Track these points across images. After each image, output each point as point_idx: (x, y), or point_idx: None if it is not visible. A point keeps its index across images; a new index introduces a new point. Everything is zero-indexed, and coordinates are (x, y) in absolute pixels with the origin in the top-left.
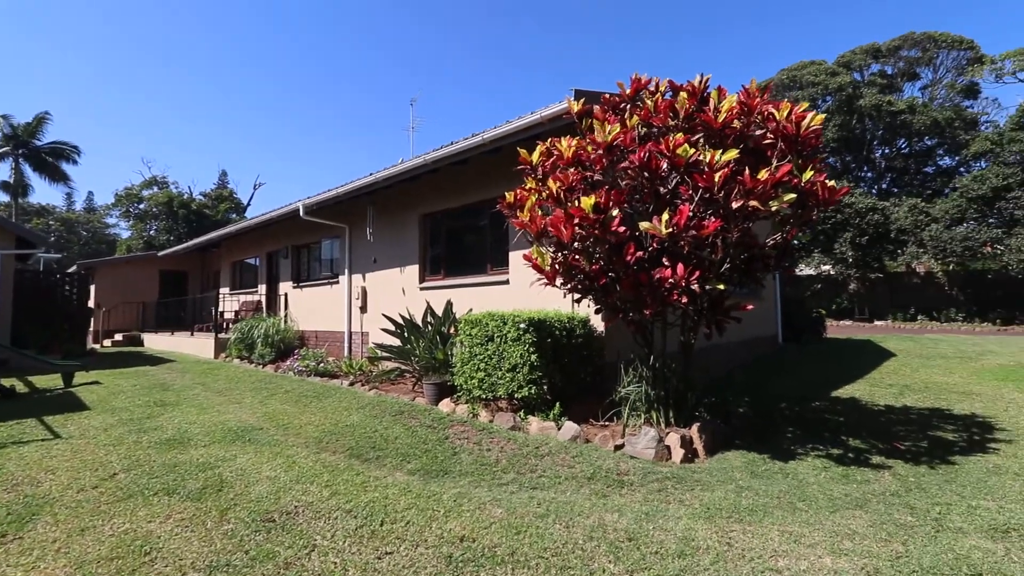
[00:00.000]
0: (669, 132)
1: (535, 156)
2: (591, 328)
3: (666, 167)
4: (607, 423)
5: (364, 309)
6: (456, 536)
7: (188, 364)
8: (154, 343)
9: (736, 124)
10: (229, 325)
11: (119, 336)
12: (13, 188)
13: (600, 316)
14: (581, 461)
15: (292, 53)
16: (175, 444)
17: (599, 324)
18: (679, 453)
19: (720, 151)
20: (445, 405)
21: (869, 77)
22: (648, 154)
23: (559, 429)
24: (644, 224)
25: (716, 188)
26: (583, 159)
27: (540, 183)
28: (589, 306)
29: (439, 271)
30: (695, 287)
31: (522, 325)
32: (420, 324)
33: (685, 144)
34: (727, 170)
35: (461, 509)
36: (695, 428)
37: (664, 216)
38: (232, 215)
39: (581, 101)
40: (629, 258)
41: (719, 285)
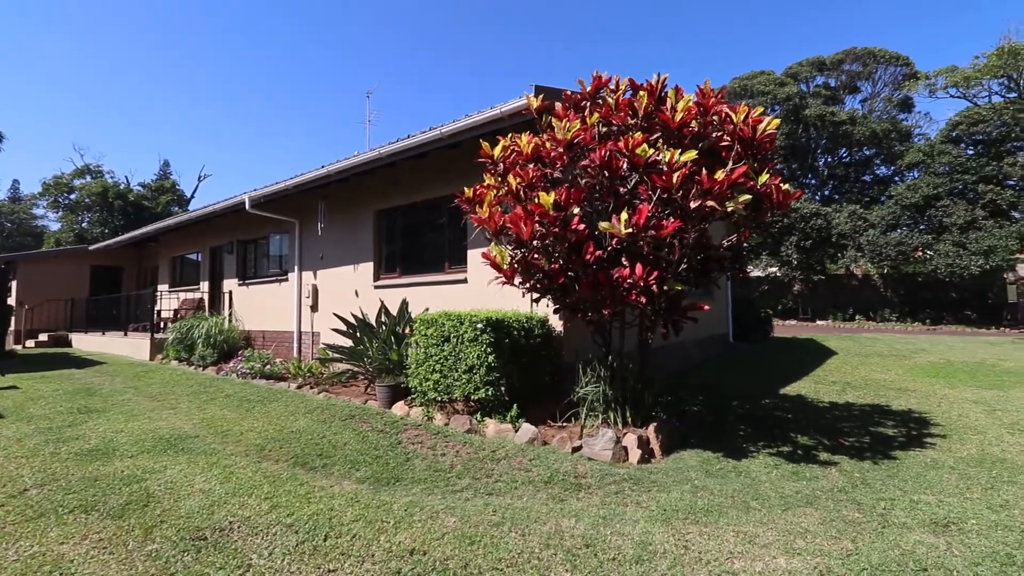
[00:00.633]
0: (629, 131)
1: (496, 151)
2: (550, 328)
3: (626, 166)
4: (565, 424)
5: (315, 308)
6: (406, 549)
7: (120, 366)
8: (83, 344)
9: (694, 125)
10: (167, 325)
11: (44, 336)
12: None
13: (559, 316)
14: (538, 464)
15: (240, 45)
16: (98, 455)
17: (558, 324)
18: (636, 454)
19: (679, 151)
20: (399, 408)
21: (814, 88)
22: (608, 153)
23: (516, 431)
24: (603, 224)
25: (675, 188)
26: (543, 156)
27: (500, 179)
28: (548, 306)
29: (395, 269)
30: (653, 287)
31: (479, 325)
32: (374, 324)
33: (644, 144)
34: (685, 170)
35: (412, 519)
36: (652, 428)
37: (623, 215)
38: (174, 208)
39: (541, 97)
40: (588, 257)
41: (677, 285)
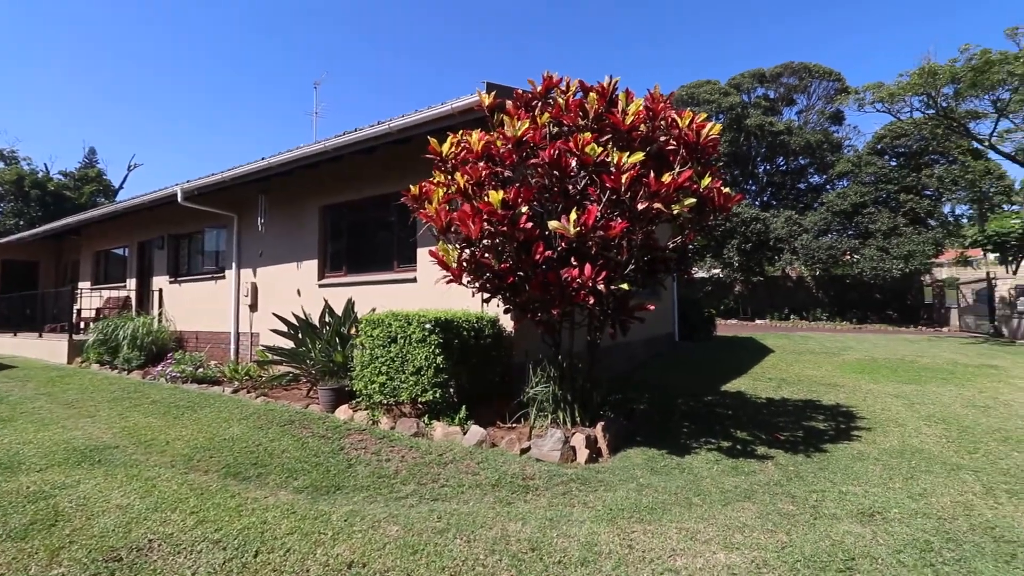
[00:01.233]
0: (579, 131)
1: (445, 147)
2: (500, 328)
3: (575, 166)
4: (514, 424)
5: (254, 307)
6: (344, 562)
7: (33, 371)
8: None
9: (643, 128)
10: (89, 325)
11: None
12: None
13: (509, 316)
14: (486, 467)
15: (175, 36)
16: (1, 470)
17: (508, 324)
18: (584, 453)
19: (627, 153)
20: (342, 412)
21: (755, 99)
22: (558, 152)
23: (465, 434)
24: (553, 223)
25: (623, 189)
26: (494, 154)
27: (449, 177)
28: (498, 305)
29: (340, 267)
30: (602, 287)
31: (428, 325)
32: (317, 324)
33: (593, 143)
34: (633, 172)
35: (352, 530)
36: (599, 427)
37: (572, 215)
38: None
39: (493, 95)
40: (538, 257)
41: (624, 285)
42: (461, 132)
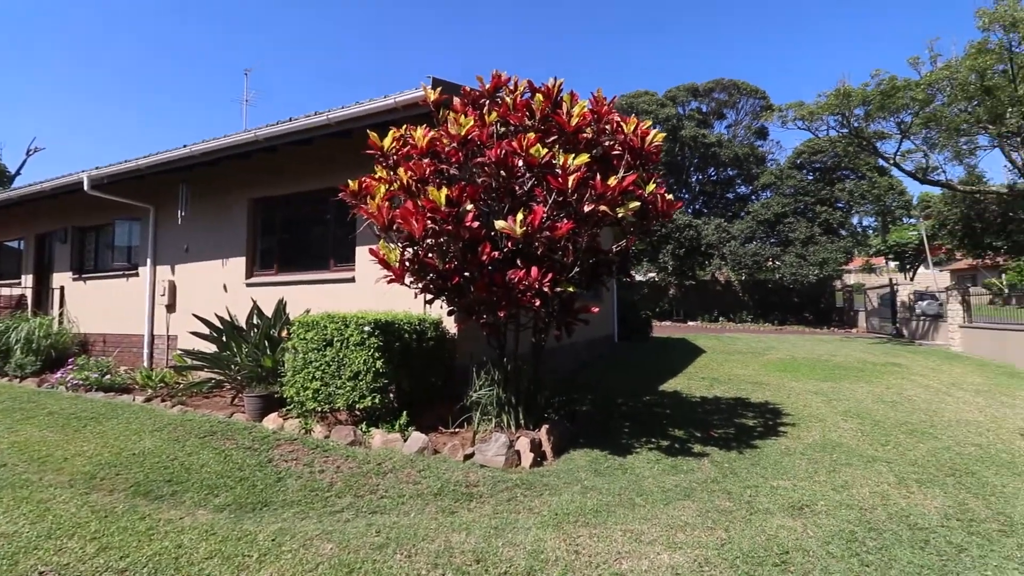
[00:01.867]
0: (526, 131)
1: (387, 142)
2: (444, 330)
3: (522, 166)
4: (458, 429)
5: (172, 308)
6: None
7: None
8: None
9: (588, 131)
10: None
11: None
12: None
13: (453, 318)
14: (428, 475)
15: (100, 21)
16: None
17: (452, 326)
18: (528, 457)
19: (573, 155)
20: (271, 421)
21: (689, 112)
22: (504, 151)
23: (405, 441)
24: (499, 223)
25: (569, 191)
26: (438, 151)
27: (391, 172)
28: (442, 307)
29: (271, 265)
30: (548, 289)
31: (367, 328)
32: (244, 327)
33: (538, 144)
34: (580, 174)
35: (281, 550)
36: (544, 430)
37: (519, 216)
38: None
39: (439, 90)
40: (484, 258)
41: (570, 288)
42: (405, 127)
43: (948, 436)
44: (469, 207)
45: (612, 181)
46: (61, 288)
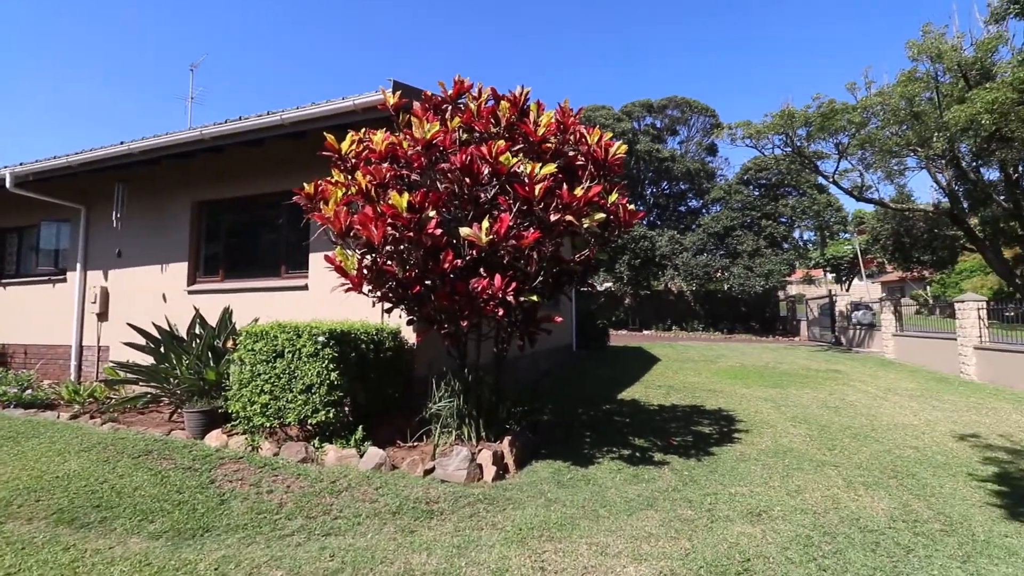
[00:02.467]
0: (491, 138)
1: (345, 145)
2: (402, 340)
3: (487, 173)
4: (417, 443)
5: (104, 317)
6: None
7: None
8: None
9: (553, 141)
10: None
11: None
12: None
13: (413, 327)
14: (386, 493)
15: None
16: None
17: (411, 336)
18: (491, 471)
19: (540, 164)
20: (214, 438)
21: (644, 127)
22: (470, 157)
23: (361, 457)
24: (464, 230)
25: (536, 200)
26: (399, 155)
27: (349, 177)
28: (401, 316)
29: (216, 272)
30: (511, 299)
31: (321, 339)
32: (185, 337)
33: (508, 152)
34: (547, 183)
35: None
36: (506, 442)
37: (485, 224)
38: None
39: (399, 94)
40: (447, 266)
41: (533, 297)
42: (364, 130)
43: (888, 439)
44: (432, 214)
45: (579, 191)
46: None
